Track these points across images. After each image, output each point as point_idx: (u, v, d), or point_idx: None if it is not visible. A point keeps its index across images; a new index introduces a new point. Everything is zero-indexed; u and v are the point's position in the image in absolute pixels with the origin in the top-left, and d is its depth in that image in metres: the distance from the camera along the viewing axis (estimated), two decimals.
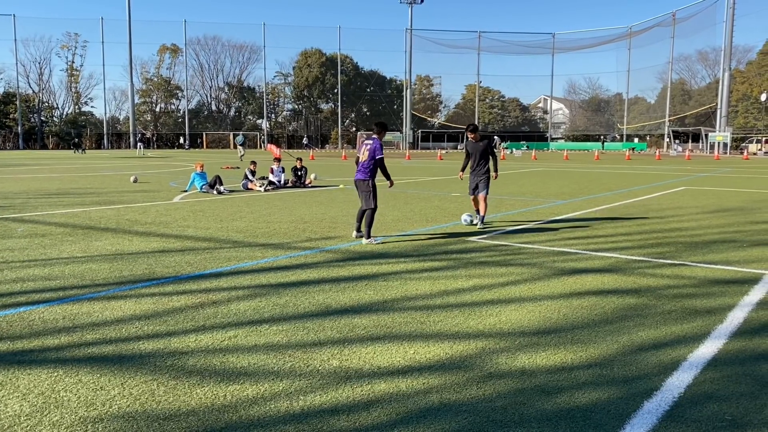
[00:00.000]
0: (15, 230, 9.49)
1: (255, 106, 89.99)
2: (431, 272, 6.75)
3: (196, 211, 12.12)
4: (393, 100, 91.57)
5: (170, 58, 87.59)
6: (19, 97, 76.17)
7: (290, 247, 8.22)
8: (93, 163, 35.35)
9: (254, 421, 3.22)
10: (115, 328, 4.74)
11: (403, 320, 4.98)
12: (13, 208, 12.36)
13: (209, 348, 4.32)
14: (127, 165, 32.40)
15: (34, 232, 9.27)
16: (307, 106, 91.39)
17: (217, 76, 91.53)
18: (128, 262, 7.14)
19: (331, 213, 11.84)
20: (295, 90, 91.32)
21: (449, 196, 15.55)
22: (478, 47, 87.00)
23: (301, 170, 18.53)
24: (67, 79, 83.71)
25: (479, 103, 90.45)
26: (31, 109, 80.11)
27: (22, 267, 6.85)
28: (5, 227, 9.80)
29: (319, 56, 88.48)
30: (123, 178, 21.18)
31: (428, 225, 10.28)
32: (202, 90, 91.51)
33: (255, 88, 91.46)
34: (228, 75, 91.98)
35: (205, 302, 5.47)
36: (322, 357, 4.15)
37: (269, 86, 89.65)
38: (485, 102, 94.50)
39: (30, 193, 15.88)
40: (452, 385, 3.71)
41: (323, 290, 5.91)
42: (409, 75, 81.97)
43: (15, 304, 5.35)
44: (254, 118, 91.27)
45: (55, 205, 12.99)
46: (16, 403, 3.42)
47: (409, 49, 79.97)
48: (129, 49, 75.41)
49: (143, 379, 3.75)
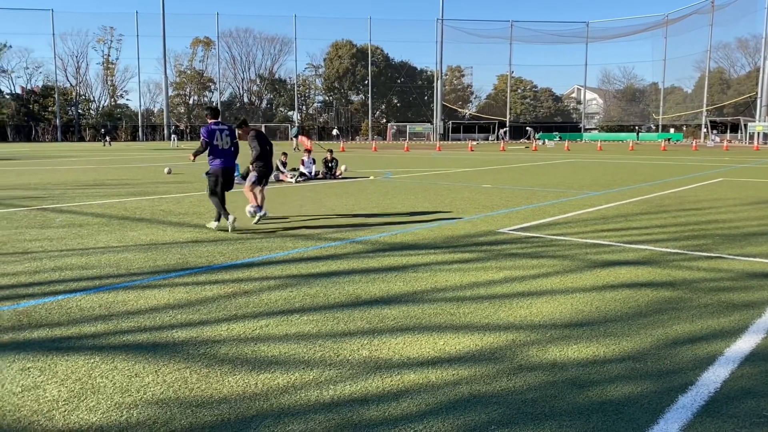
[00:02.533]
0: (53, 220, 9.72)
1: (286, 98, 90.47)
2: (461, 264, 6.72)
3: (229, 201, 12.24)
4: (423, 91, 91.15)
5: (203, 50, 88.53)
6: (57, 91, 77.86)
7: (320, 237, 8.26)
8: (128, 155, 35.99)
9: (285, 410, 3.25)
10: (149, 316, 4.83)
11: (433, 311, 4.97)
12: (51, 199, 12.67)
13: (241, 337, 4.37)
14: (161, 157, 32.91)
15: (72, 222, 9.48)
16: (338, 97, 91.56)
17: (249, 68, 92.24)
18: (162, 251, 7.26)
19: (361, 204, 11.87)
20: (325, 82, 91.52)
21: (480, 187, 15.44)
22: (510, 37, 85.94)
23: (331, 162, 18.59)
24: (103, 72, 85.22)
25: (511, 93, 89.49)
26: (69, 102, 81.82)
27: (60, 256, 7.02)
28: (44, 217, 10.05)
29: (349, 48, 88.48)
30: (157, 170, 21.52)
31: (458, 216, 10.22)
32: (234, 82, 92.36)
33: (286, 80, 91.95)
34: (260, 67, 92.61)
35: (237, 292, 5.53)
36: (352, 347, 4.17)
37: (300, 78, 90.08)
38: (517, 92, 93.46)
39: (67, 184, 16.25)
40: (482, 376, 3.69)
41: (353, 281, 5.93)
42: (439, 66, 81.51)
43: (53, 292, 5.48)
44: (285, 110, 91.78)
45: (91, 196, 13.27)
46: (55, 389, 3.51)
47: (439, 39, 79.45)
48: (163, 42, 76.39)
49: (176, 367, 3.82)
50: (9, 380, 3.62)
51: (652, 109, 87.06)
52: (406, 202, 12.23)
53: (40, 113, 78.27)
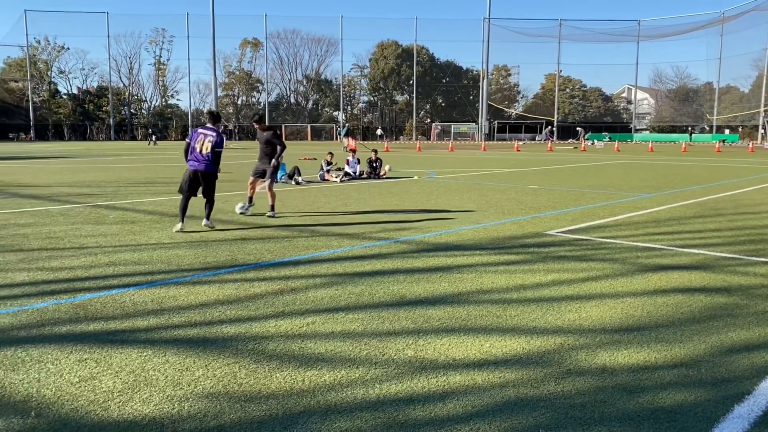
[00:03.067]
0: (107, 217, 10.04)
1: (332, 99, 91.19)
2: (507, 265, 6.65)
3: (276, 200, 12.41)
4: (469, 91, 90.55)
5: (251, 51, 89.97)
6: (111, 91, 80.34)
7: (365, 237, 8.30)
8: (177, 153, 36.86)
9: (331, 407, 3.28)
10: (199, 311, 4.94)
11: (479, 313, 4.93)
12: (105, 196, 13.08)
13: (288, 333, 4.43)
14: None
15: (125, 219, 9.77)
16: (383, 98, 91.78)
17: (296, 69, 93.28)
18: (212, 248, 7.41)
19: (405, 204, 11.87)
20: (370, 82, 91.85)
21: (526, 188, 15.25)
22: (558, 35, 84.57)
23: (376, 162, 18.65)
24: (154, 72, 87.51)
25: (559, 93, 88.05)
26: (122, 101, 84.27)
27: (114, 252, 7.24)
28: (98, 214, 10.39)
29: (395, 48, 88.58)
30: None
31: (504, 218, 10.13)
32: (282, 83, 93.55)
33: (332, 81, 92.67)
34: (306, 68, 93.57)
35: (284, 289, 5.61)
36: (397, 346, 4.18)
37: (346, 78, 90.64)
38: (565, 92, 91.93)
39: (120, 182, 16.74)
40: (529, 380, 3.65)
41: (398, 280, 5.93)
42: (486, 65, 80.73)
43: (108, 287, 5.66)
44: (331, 110, 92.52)
45: (143, 194, 13.64)
46: (110, 380, 3.62)
47: (486, 38, 78.69)
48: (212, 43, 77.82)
49: (226, 362, 3.90)
50: (67, 371, 3.75)
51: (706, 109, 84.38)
52: (450, 202, 12.17)
53: (95, 113, 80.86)
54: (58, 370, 3.75)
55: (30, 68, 78.09)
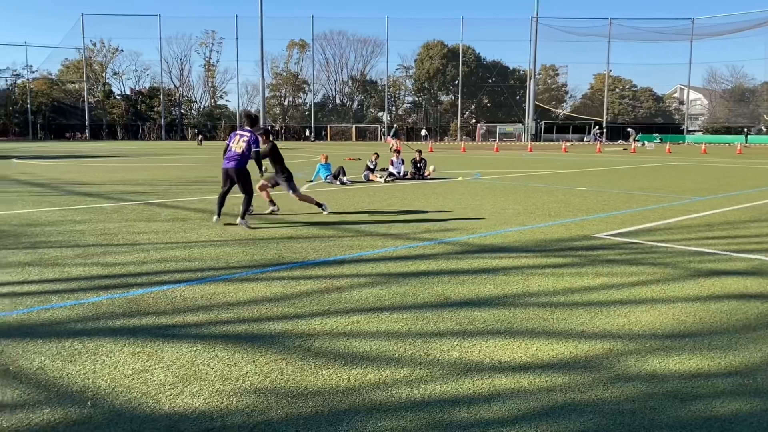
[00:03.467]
0: (159, 214, 10.31)
1: (377, 99, 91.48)
2: (554, 268, 6.56)
3: (321, 200, 12.54)
4: (515, 91, 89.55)
5: (298, 53, 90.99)
6: (162, 92, 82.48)
7: (409, 237, 8.31)
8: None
9: (376, 406, 3.30)
10: (247, 308, 5.03)
11: (525, 316, 4.88)
12: (157, 194, 13.44)
13: (334, 331, 4.47)
14: None
15: (176, 217, 10.02)
16: (427, 98, 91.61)
17: (342, 70, 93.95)
18: (259, 247, 7.54)
19: (449, 205, 11.82)
20: (415, 82, 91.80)
21: (574, 190, 15.00)
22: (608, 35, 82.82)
23: (420, 162, 18.63)
24: (204, 74, 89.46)
25: (608, 93, 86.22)
26: (173, 102, 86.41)
27: (166, 248, 7.44)
28: (150, 211, 10.68)
29: (440, 48, 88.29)
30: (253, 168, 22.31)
31: (551, 220, 9.98)
32: (327, 84, 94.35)
33: (377, 82, 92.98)
34: (352, 69, 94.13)
35: (330, 288, 5.66)
36: (442, 347, 4.17)
37: (391, 79, 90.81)
38: (615, 92, 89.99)
39: (171, 180, 17.17)
40: (577, 384, 3.59)
41: (442, 281, 5.92)
42: (533, 65, 79.66)
43: (159, 282, 5.82)
44: (375, 110, 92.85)
45: (193, 192, 13.96)
46: (161, 373, 3.73)
47: (534, 38, 77.69)
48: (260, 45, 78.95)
49: (273, 358, 3.96)
50: (121, 363, 3.87)
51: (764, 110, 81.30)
52: (495, 203, 12.07)
53: (147, 113, 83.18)
54: (113, 363, 3.88)
55: (86, 70, 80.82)
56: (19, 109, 79.38)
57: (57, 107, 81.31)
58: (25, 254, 7.04)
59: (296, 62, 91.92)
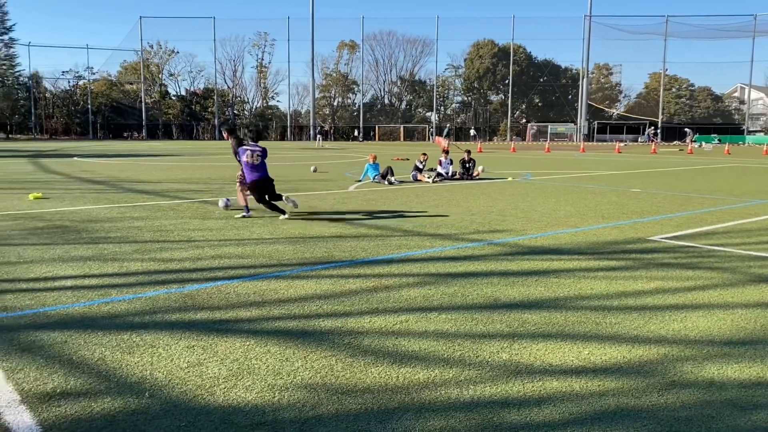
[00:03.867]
0: (213, 212, 10.56)
1: (425, 99, 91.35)
2: (607, 271, 6.43)
3: (369, 200, 12.63)
4: (567, 90, 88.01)
5: (348, 53, 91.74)
6: (216, 92, 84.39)
7: (458, 238, 8.27)
8: (277, 153, 38.17)
9: (425, 405, 3.31)
10: (298, 305, 5.11)
11: (577, 319, 4.80)
12: (210, 193, 13.76)
13: (382, 330, 4.50)
14: (307, 155, 34.57)
15: (229, 215, 10.24)
16: (477, 97, 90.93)
17: (391, 70, 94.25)
18: (309, 245, 7.64)
19: (499, 206, 11.72)
20: (465, 82, 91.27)
21: (628, 191, 14.65)
22: (664, 33, 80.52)
23: (469, 162, 18.52)
24: (256, 75, 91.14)
25: (664, 92, 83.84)
26: (226, 103, 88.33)
27: (219, 245, 7.62)
28: (204, 209, 10.95)
29: (491, 47, 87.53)
30: (303, 168, 22.64)
31: (604, 222, 9.78)
32: (376, 84, 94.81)
33: (426, 81, 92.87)
34: (401, 69, 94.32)
35: (378, 286, 5.70)
36: (491, 349, 4.14)
37: (440, 79, 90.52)
38: (671, 91, 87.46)
39: (225, 179, 17.55)
40: (630, 390, 3.52)
41: (491, 283, 5.88)
42: (586, 64, 78.20)
43: (213, 278, 5.97)
44: (424, 110, 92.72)
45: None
46: (216, 367, 3.83)
47: (587, 36, 76.24)
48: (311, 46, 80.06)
49: (323, 354, 4.01)
50: (177, 356, 3.99)
51: None
52: (546, 204, 11.90)
53: (201, 113, 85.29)
54: (169, 355, 4.00)
55: (143, 71, 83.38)
56: (80, 109, 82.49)
57: (116, 107, 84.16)
58: (87, 249, 7.32)
59: (346, 63, 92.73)
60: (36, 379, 3.60)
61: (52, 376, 3.64)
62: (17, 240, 7.87)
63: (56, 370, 3.75)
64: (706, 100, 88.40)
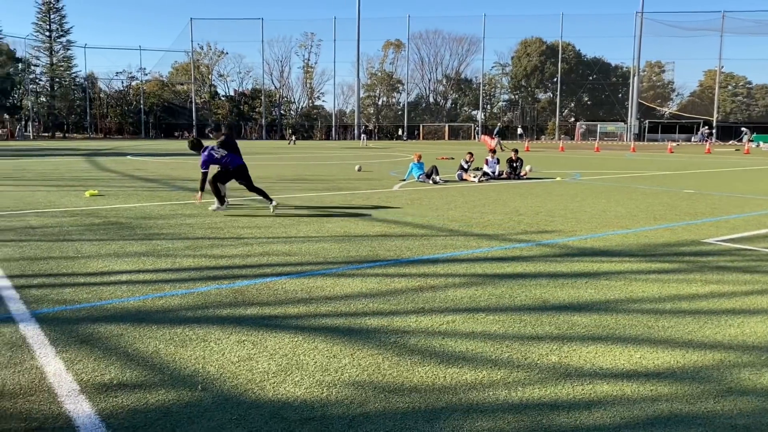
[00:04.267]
0: (261, 210, 10.72)
1: (471, 98, 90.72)
2: (660, 274, 6.27)
3: (414, 199, 12.63)
4: (617, 89, 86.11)
5: (393, 53, 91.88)
6: (263, 93, 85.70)
7: (505, 238, 8.19)
8: (322, 152, 38.51)
9: (473, 406, 3.29)
10: (344, 302, 5.15)
11: (628, 322, 4.70)
12: None
13: (429, 330, 4.49)
14: (351, 155, 34.77)
15: (277, 213, 10.39)
16: (524, 96, 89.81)
17: (436, 69, 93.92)
18: (355, 243, 7.69)
19: (547, 206, 11.55)
20: (512, 80, 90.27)
21: (681, 192, 14.25)
22: (720, 28, 77.90)
23: (516, 162, 18.31)
24: (303, 75, 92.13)
25: (720, 90, 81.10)
26: (273, 103, 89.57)
27: (268, 242, 7.74)
28: (252, 207, 11.13)
29: (539, 45, 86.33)
30: (348, 167, 22.78)
31: (656, 223, 9.54)
32: (421, 83, 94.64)
33: (472, 80, 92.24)
34: (446, 67, 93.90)
35: (424, 286, 5.69)
36: (540, 351, 4.09)
37: (486, 77, 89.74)
38: (727, 89, 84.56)
39: (272, 178, 17.80)
40: (684, 395, 3.43)
41: (540, 284, 5.80)
42: (637, 61, 76.29)
43: (262, 275, 6.07)
44: (469, 109, 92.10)
45: (292, 190, 14.42)
46: (265, 362, 3.89)
47: (638, 33, 74.37)
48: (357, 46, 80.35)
49: (370, 352, 4.04)
50: (228, 350, 4.08)
51: None
52: (596, 205, 11.67)
53: (249, 113, 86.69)
54: (220, 349, 4.09)
55: (193, 72, 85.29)
56: (133, 109, 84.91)
57: (167, 107, 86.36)
58: (140, 245, 7.54)
59: (391, 62, 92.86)
60: (94, 370, 3.73)
61: (109, 368, 3.77)
62: (75, 236, 8.16)
63: (113, 361, 3.87)
64: (764, 98, 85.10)
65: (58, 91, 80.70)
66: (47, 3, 79.21)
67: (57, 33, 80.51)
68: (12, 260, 6.66)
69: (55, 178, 17.57)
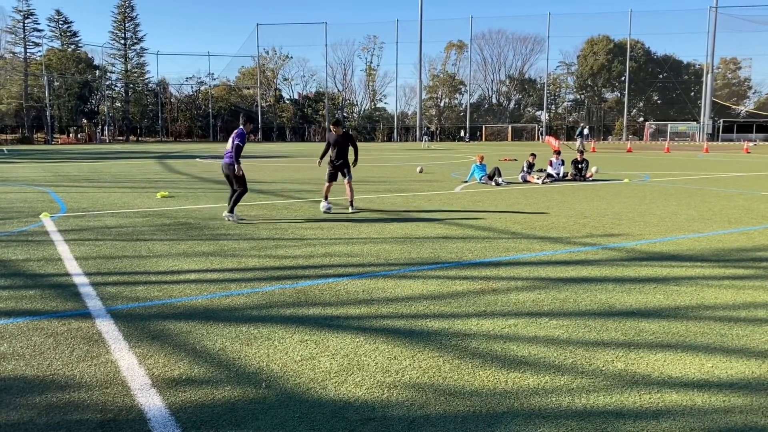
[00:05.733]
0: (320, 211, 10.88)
1: (535, 98, 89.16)
2: (734, 280, 6.00)
3: (476, 201, 12.52)
4: (689, 87, 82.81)
5: (456, 54, 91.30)
6: (326, 96, 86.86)
7: (569, 242, 8.02)
8: (384, 154, 38.70)
9: (535, 411, 3.24)
10: (405, 304, 5.17)
11: (699, 330, 4.52)
12: (321, 193, 14.15)
13: (490, 333, 4.45)
14: (413, 156, 34.78)
15: (335, 216, 10.51)
16: (590, 95, 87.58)
17: (499, 69, 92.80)
18: (416, 245, 7.70)
19: (614, 209, 11.23)
20: (578, 80, 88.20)
21: (757, 195, 13.58)
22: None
23: (581, 163, 17.88)
24: (365, 78, 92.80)
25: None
26: (336, 105, 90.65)
27: (330, 244, 7.85)
28: (316, 209, 11.31)
29: (606, 43, 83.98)
30: (410, 169, 22.79)
31: (730, 227, 9.13)
32: (484, 84, 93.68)
33: (536, 80, 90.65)
34: (510, 68, 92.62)
35: (486, 289, 5.64)
36: (605, 357, 3.99)
37: (551, 77, 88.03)
38: None
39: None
40: (760, 407, 3.27)
41: (606, 289, 5.65)
42: (710, 58, 73.15)
43: (324, 276, 6.16)
44: (533, 109, 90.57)
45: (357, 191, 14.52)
46: (327, 361, 3.95)
47: (712, 29, 71.33)
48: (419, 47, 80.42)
49: (430, 355, 4.04)
50: (291, 349, 4.16)
51: None
52: (666, 207, 11.27)
53: (313, 116, 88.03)
54: (284, 348, 4.18)
55: (259, 76, 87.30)
56: (202, 113, 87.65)
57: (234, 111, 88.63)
58: (208, 245, 7.79)
59: (453, 63, 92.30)
60: (164, 365, 3.88)
61: (178, 363, 3.91)
62: (147, 235, 8.51)
63: (182, 357, 4.02)
64: None
65: (132, 97, 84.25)
66: (122, 12, 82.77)
67: (131, 41, 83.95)
68: (89, 258, 7.01)
69: (128, 179, 18.35)
